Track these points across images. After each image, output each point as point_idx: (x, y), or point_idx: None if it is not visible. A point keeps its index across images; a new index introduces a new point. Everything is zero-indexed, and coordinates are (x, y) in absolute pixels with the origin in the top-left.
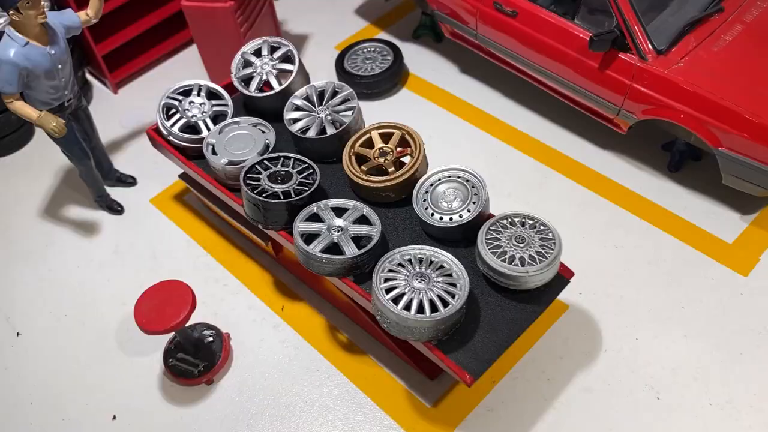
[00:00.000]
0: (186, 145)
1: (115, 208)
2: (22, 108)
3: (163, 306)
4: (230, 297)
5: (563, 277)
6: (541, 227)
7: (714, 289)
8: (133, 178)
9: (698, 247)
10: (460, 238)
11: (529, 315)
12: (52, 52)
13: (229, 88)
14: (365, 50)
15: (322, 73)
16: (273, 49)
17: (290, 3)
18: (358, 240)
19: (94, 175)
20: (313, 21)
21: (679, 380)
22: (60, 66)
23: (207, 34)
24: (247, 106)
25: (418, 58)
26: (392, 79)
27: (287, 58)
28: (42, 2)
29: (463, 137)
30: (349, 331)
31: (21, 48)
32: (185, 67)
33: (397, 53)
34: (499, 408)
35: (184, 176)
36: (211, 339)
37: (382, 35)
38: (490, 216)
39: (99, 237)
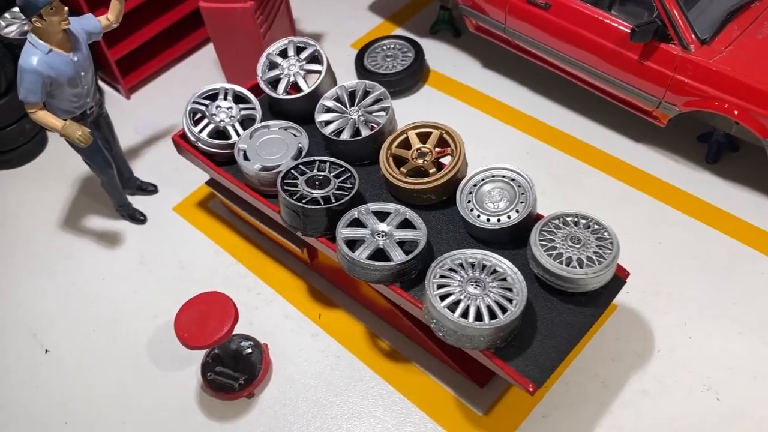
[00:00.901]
0: (215, 151)
1: (138, 218)
2: (46, 118)
3: (205, 319)
4: (265, 306)
5: (619, 277)
6: (596, 226)
7: (766, 284)
8: (155, 186)
9: (744, 240)
10: (508, 240)
11: (588, 318)
12: (75, 59)
13: (254, 90)
14: (385, 47)
15: (340, 72)
16: (299, 50)
17: (303, 0)
18: (402, 245)
19: (116, 185)
20: (327, 18)
21: (738, 380)
22: (83, 73)
23: (225, 36)
24: (272, 109)
25: (437, 53)
26: (414, 76)
27: (314, 59)
28: (65, 8)
29: (491, 134)
30: (390, 338)
31: (44, 56)
32: (198, 69)
33: (418, 50)
34: (554, 414)
35: (211, 183)
36: (249, 350)
37: (399, 31)
38: (539, 216)
39: (123, 248)
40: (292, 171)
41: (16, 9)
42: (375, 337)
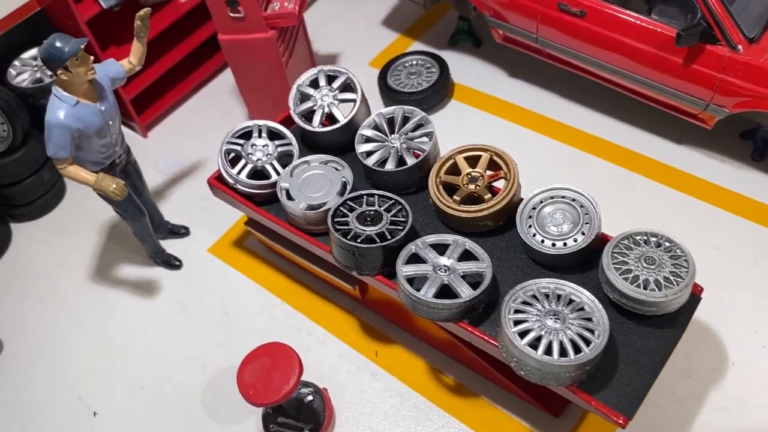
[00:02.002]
0: (255, 191)
1: (173, 263)
2: (77, 173)
3: (269, 373)
4: (317, 347)
5: (694, 294)
6: (667, 244)
7: None
8: (186, 228)
9: None
10: (575, 264)
11: (669, 341)
12: (103, 108)
13: (285, 122)
14: (407, 65)
15: None
16: (330, 79)
17: (315, 22)
18: (464, 277)
19: (150, 232)
20: (341, 38)
21: None
22: (111, 122)
23: (247, 67)
24: (306, 141)
25: (460, 66)
26: (441, 92)
27: (347, 87)
28: (90, 57)
29: (527, 146)
30: (454, 371)
31: (71, 108)
32: (213, 100)
33: (442, 64)
34: None
35: (251, 223)
36: (310, 397)
37: (417, 45)
38: (604, 237)
39: (161, 296)
40: (341, 208)
41: (25, 55)
42: (438, 372)
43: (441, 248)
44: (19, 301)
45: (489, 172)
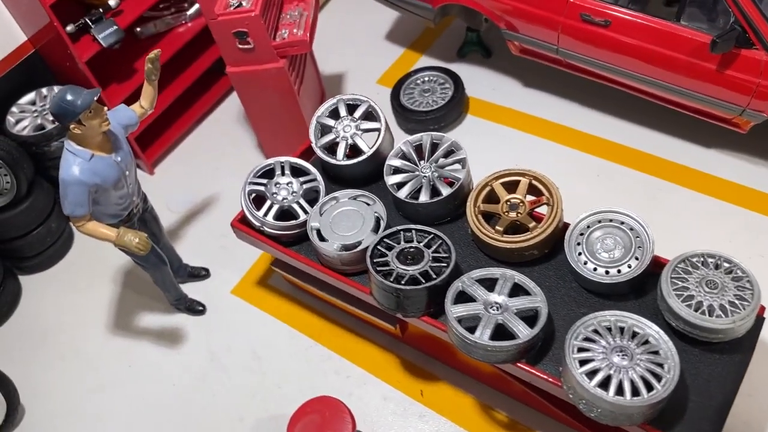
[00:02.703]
0: (282, 233)
1: (197, 309)
2: (96, 229)
3: (321, 431)
4: (358, 390)
5: (758, 315)
6: (726, 264)
7: None
8: (206, 270)
9: None
10: (629, 291)
11: (738, 367)
12: (118, 159)
13: (304, 155)
14: (419, 82)
15: None
16: (351, 108)
17: (315, 43)
18: (517, 314)
19: (171, 280)
20: (345, 57)
21: None
22: (127, 172)
23: (259, 99)
24: (329, 173)
25: (472, 78)
26: (457, 108)
27: (369, 115)
28: (104, 108)
29: (551, 158)
30: (505, 406)
31: (87, 163)
32: (218, 129)
33: (456, 79)
34: None
35: (278, 264)
36: None
37: (425, 60)
38: (657, 259)
39: (187, 345)
40: (378, 247)
41: (23, 101)
42: (488, 408)
43: (488, 282)
44: (37, 360)
45: (529, 198)
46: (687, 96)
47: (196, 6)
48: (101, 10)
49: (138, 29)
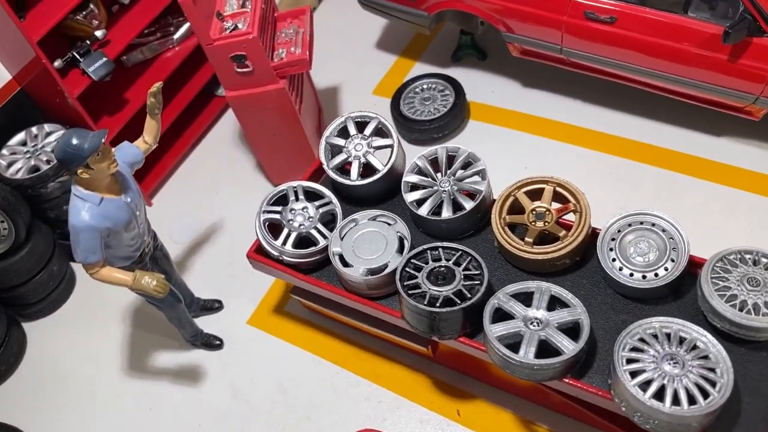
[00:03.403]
0: (302, 261)
1: (214, 344)
2: (111, 275)
3: None
4: (392, 415)
5: None
6: (764, 260)
7: None
8: (219, 302)
9: None
10: (667, 294)
11: None
12: (128, 200)
13: (314, 177)
14: (418, 90)
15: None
16: (360, 125)
17: None
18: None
19: (187, 316)
20: (337, 71)
21: None
22: (138, 212)
23: (259, 122)
24: (341, 194)
25: (470, 82)
26: (460, 115)
27: (379, 132)
28: (111, 149)
29: (561, 159)
30: (546, 420)
31: (97, 208)
32: (215, 152)
33: (456, 86)
34: None
35: (298, 292)
36: None
37: (419, 66)
38: (693, 260)
39: (208, 382)
40: (406, 269)
41: (13, 142)
42: (529, 423)
43: (523, 296)
44: (52, 408)
45: (555, 205)
46: (698, 87)
47: (183, 29)
48: (88, 42)
49: (125, 57)
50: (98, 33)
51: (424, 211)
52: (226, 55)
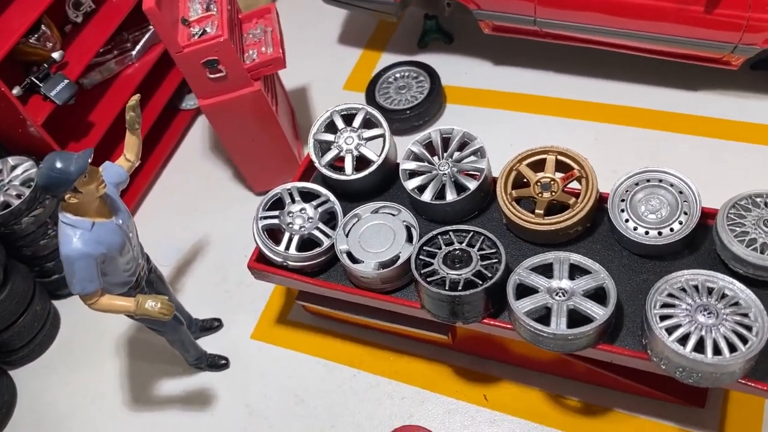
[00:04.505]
0: (307, 264)
1: (220, 364)
2: (112, 303)
3: None
4: (418, 410)
5: None
6: None
7: None
8: (218, 320)
9: None
10: (683, 248)
11: None
12: (120, 221)
13: (304, 176)
14: (391, 80)
15: None
16: (347, 119)
17: None
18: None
19: (190, 338)
20: (304, 70)
21: None
22: (130, 234)
23: (237, 128)
24: (335, 190)
25: (440, 66)
26: (438, 100)
27: (368, 123)
28: (98, 169)
29: (545, 131)
30: (574, 391)
31: (89, 233)
32: (189, 166)
33: (430, 71)
34: None
35: (304, 297)
36: None
37: (386, 56)
38: (705, 211)
39: (220, 404)
40: (420, 257)
41: None
42: (558, 397)
43: (542, 269)
44: None
45: (560, 176)
46: (676, 43)
47: (141, 43)
48: (46, 65)
49: (83, 80)
50: (55, 55)
51: (427, 196)
52: (197, 62)
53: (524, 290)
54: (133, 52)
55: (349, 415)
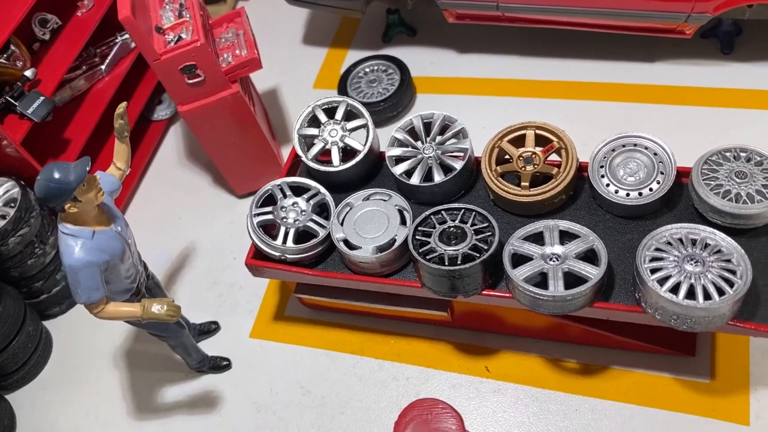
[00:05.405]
0: (305, 255)
1: (222, 365)
2: (119, 310)
3: None
4: (423, 388)
5: None
6: (742, 153)
7: None
8: (216, 323)
9: None
10: (662, 206)
11: None
12: (118, 228)
13: (292, 171)
14: (361, 74)
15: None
16: (329, 112)
17: None
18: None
19: (192, 342)
20: (271, 72)
21: None
22: (129, 241)
23: (218, 133)
24: (322, 182)
25: (406, 59)
26: (409, 90)
27: (351, 114)
28: (96, 176)
29: (515, 112)
30: (572, 354)
31: (90, 242)
32: (166, 176)
33: (398, 63)
34: None
35: (302, 289)
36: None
37: (352, 54)
38: (679, 170)
39: (227, 404)
40: (416, 237)
41: None
42: (556, 362)
43: (534, 237)
44: None
45: (540, 149)
46: (633, 17)
47: (110, 56)
48: (19, 84)
49: (54, 98)
50: (28, 73)
51: (415, 180)
52: (175, 68)
53: (519, 259)
54: (103, 66)
55: (357, 400)
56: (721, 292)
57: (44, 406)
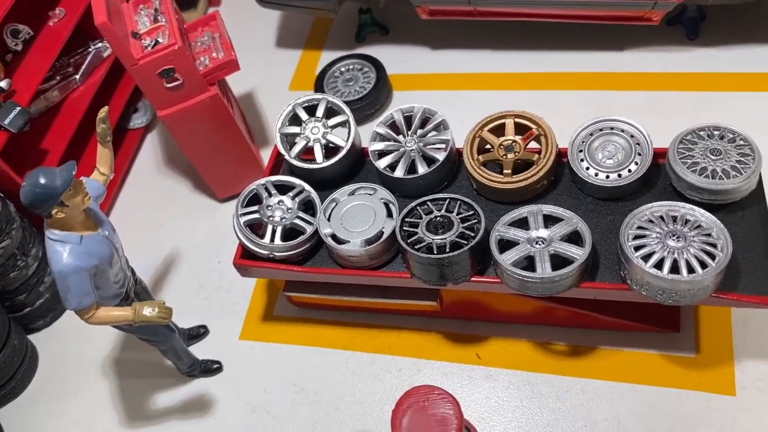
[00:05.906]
0: (293, 252)
1: (212, 368)
2: (110, 314)
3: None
4: (417, 378)
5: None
6: (715, 132)
7: None
8: (204, 327)
9: None
10: (640, 187)
11: (762, 215)
12: (106, 233)
13: (275, 170)
14: (337, 74)
15: None
16: (310, 110)
17: None
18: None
19: (183, 346)
20: (247, 75)
21: None
22: (117, 245)
23: (198, 136)
24: (306, 179)
25: (382, 57)
26: (386, 87)
27: (331, 111)
28: (82, 180)
29: (490, 105)
30: (559, 336)
31: (78, 247)
32: (146, 182)
33: (373, 61)
34: (752, 318)
35: (292, 287)
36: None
37: (326, 55)
38: (655, 151)
39: (220, 407)
40: (404, 228)
41: None
42: (545, 344)
43: (518, 223)
44: None
45: (520, 137)
46: (602, 6)
47: (84, 65)
48: None
49: (29, 109)
50: (2, 83)
51: (399, 173)
52: (153, 72)
53: (505, 245)
54: (77, 76)
55: (351, 394)
56: (703, 265)
57: (34, 419)
